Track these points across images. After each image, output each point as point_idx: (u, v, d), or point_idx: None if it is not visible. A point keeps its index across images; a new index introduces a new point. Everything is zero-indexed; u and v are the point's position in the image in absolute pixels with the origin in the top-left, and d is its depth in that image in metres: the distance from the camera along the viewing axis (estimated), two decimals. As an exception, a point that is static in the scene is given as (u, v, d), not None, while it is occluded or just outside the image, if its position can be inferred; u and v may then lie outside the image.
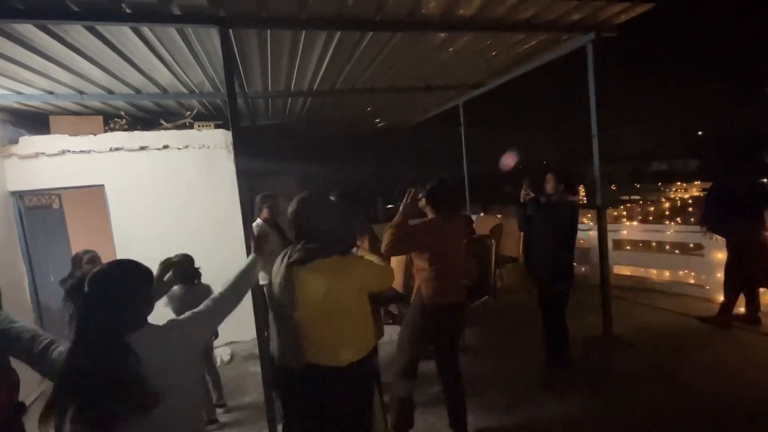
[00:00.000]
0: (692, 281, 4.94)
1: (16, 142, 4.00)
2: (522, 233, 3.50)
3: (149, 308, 1.35)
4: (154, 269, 2.88)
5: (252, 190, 3.54)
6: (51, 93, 3.77)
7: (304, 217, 1.57)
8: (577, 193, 3.29)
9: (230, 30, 2.68)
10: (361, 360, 1.58)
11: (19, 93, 3.65)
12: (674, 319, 4.20)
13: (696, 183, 13.06)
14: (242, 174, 2.81)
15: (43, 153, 4.05)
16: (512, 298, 5.13)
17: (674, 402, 2.75)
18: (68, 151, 4.11)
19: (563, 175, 3.18)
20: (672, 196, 11.51)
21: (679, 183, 13.52)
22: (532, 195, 3.22)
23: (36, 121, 4.28)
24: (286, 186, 7.42)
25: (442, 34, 3.36)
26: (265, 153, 6.14)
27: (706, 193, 3.93)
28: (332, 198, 2.98)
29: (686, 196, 10.37)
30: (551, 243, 3.10)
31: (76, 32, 2.65)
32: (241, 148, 2.80)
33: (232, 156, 4.60)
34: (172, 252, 4.16)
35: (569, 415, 2.72)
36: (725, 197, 3.88)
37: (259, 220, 3.80)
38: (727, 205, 3.81)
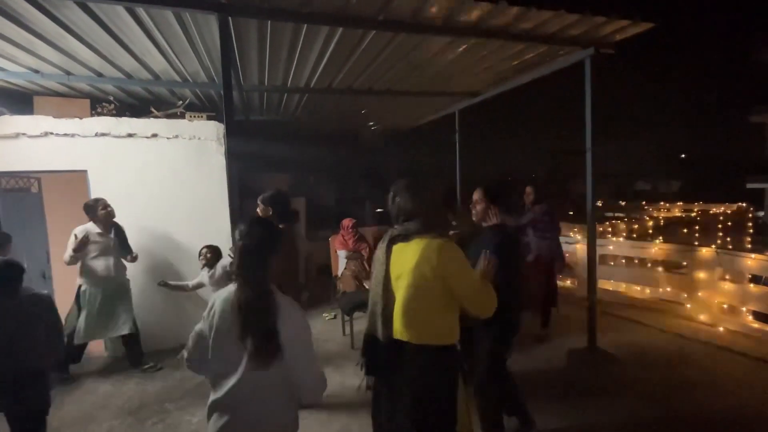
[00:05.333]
0: (672, 299, 5.02)
1: (-5, 120, 3.84)
2: None
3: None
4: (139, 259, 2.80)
5: (242, 184, 3.46)
6: (37, 72, 3.63)
7: (404, 199, 1.70)
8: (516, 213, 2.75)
9: (230, 18, 2.62)
10: (443, 347, 1.64)
11: (2, 69, 3.51)
12: (656, 334, 4.25)
13: (678, 204, 13.38)
14: (233, 168, 2.75)
15: (24, 134, 3.89)
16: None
17: (652, 415, 2.76)
18: (51, 133, 3.95)
19: (494, 193, 2.44)
20: (655, 215, 11.76)
21: (662, 203, 13.83)
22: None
23: (19, 101, 4.12)
24: (276, 183, 7.32)
25: (443, 40, 3.36)
26: (257, 148, 6.05)
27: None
28: (259, 202, 2.99)
29: (669, 215, 10.61)
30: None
31: (67, 8, 2.55)
32: (233, 141, 2.73)
33: (223, 149, 4.51)
34: (153, 242, 4.05)
35: (550, 427, 2.70)
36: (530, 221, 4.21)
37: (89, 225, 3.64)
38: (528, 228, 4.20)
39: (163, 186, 4.27)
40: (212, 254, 3.61)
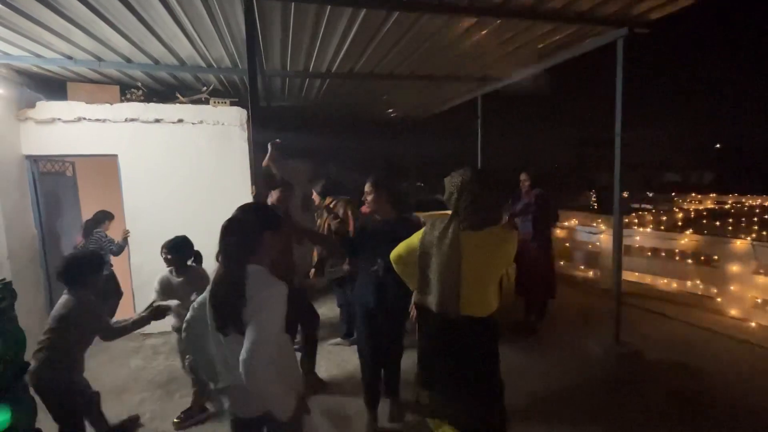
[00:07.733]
0: (701, 293, 4.85)
1: (33, 106, 4.01)
2: None
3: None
4: (163, 240, 2.93)
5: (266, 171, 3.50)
6: (70, 58, 3.74)
7: (479, 189, 1.74)
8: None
9: (254, 0, 2.62)
10: (492, 314, 1.82)
11: (38, 56, 3.63)
12: (683, 328, 4.13)
13: (711, 195, 12.80)
14: (259, 153, 2.79)
15: (59, 119, 4.06)
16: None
17: (677, 412, 2.70)
18: (84, 118, 4.11)
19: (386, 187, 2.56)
20: (685, 207, 11.31)
21: (693, 194, 13.26)
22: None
23: (53, 87, 4.27)
24: (296, 169, 7.38)
25: (468, 21, 3.27)
26: (278, 135, 6.10)
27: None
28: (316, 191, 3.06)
29: (701, 207, 10.17)
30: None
31: (100, -6, 2.61)
32: (258, 126, 2.76)
33: (245, 134, 4.58)
34: (179, 224, 4.16)
35: (571, 418, 2.68)
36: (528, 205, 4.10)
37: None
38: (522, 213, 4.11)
39: (189, 170, 4.39)
40: (173, 255, 2.78)
